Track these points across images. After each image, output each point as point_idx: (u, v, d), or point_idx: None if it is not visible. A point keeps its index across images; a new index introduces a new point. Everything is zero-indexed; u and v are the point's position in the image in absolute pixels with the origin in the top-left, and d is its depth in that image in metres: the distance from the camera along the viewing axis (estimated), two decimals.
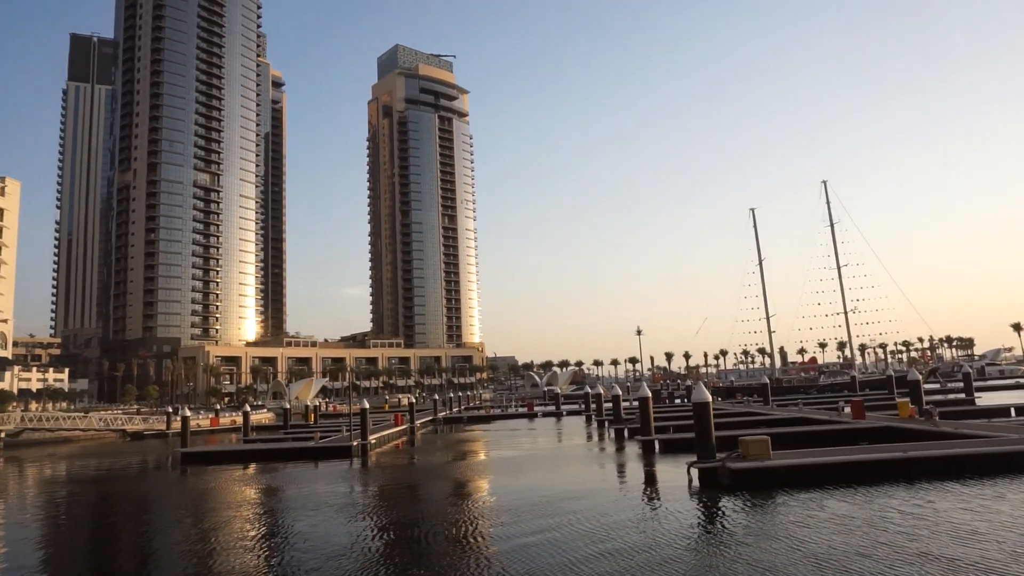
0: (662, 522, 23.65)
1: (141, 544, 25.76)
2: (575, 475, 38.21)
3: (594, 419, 78.87)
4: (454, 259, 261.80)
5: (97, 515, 33.73)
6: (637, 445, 48.62)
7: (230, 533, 25.99)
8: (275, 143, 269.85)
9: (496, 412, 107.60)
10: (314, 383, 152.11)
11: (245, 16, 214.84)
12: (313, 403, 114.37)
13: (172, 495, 38.98)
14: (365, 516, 28.29)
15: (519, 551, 19.95)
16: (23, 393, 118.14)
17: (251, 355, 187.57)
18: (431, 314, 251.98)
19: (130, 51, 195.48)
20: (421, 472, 44.54)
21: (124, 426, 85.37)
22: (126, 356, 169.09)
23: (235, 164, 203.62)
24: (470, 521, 25.89)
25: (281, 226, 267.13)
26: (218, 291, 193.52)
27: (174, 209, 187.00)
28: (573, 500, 28.85)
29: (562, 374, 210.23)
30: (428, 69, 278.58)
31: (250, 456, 53.18)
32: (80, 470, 53.72)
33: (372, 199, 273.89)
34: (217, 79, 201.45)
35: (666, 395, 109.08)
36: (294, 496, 34.70)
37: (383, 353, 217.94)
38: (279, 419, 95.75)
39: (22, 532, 29.30)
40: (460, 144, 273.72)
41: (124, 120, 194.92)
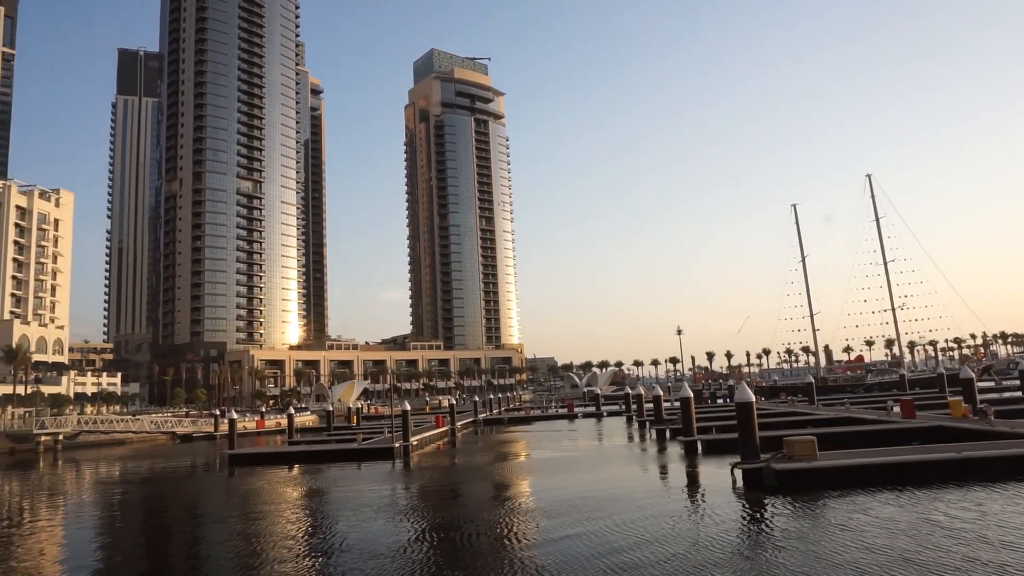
0: (706, 523, 23.35)
1: (191, 543, 26.45)
2: (617, 476, 37.98)
3: (635, 420, 78.29)
4: (492, 261, 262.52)
5: (150, 515, 34.73)
6: (679, 446, 48.10)
7: (275, 533, 26.50)
8: (314, 150, 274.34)
9: (536, 413, 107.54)
10: (356, 385, 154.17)
11: (284, 26, 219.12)
12: (355, 405, 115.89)
13: (220, 496, 39.91)
14: (407, 517, 28.56)
15: (561, 553, 19.90)
16: (79, 397, 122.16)
17: (294, 358, 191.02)
18: (470, 316, 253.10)
19: (174, 64, 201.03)
20: (462, 473, 44.77)
21: (174, 428, 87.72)
22: (175, 360, 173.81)
23: (276, 171, 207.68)
24: (511, 522, 25.94)
25: (321, 231, 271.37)
26: (262, 296, 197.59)
27: (219, 217, 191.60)
28: (615, 501, 28.68)
29: (602, 375, 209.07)
30: (463, 72, 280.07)
31: (295, 458, 54.12)
32: (133, 471, 55.37)
33: (410, 203, 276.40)
34: (258, 88, 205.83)
35: (708, 395, 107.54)
36: (338, 497, 35.21)
37: (423, 355, 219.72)
38: (322, 421, 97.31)
39: (80, 530, 30.35)
40: (496, 146, 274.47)
41: (170, 131, 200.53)
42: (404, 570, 19.09)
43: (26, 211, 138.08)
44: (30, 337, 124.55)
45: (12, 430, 76.43)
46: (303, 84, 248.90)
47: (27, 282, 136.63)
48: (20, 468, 59.90)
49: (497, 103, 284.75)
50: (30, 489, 46.89)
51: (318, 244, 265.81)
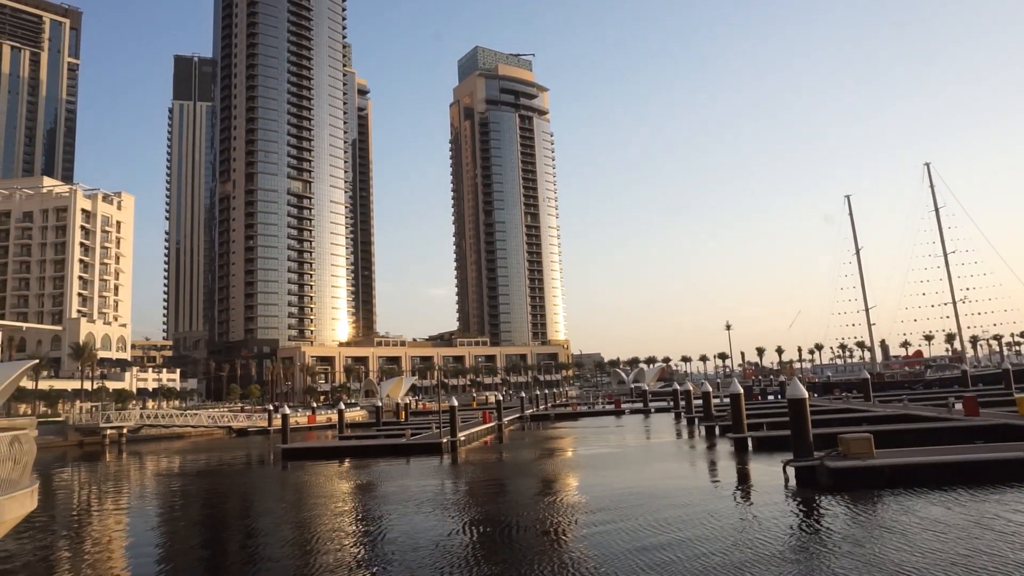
0: (757, 522, 22.96)
1: (245, 533, 27.24)
2: (665, 472, 37.62)
3: (683, 416, 77.41)
4: (537, 257, 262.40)
5: (207, 506, 35.89)
6: (729, 443, 47.36)
7: (326, 525, 27.09)
8: (362, 149, 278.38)
9: (583, 409, 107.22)
10: (404, 381, 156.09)
11: (331, 28, 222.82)
12: (403, 401, 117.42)
13: (274, 489, 40.96)
14: (454, 512, 28.84)
15: (607, 549, 19.84)
16: (141, 392, 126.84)
17: (344, 355, 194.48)
18: (516, 312, 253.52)
19: (227, 68, 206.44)
20: (509, 468, 44.96)
21: (230, 423, 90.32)
22: (230, 357, 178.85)
23: (325, 171, 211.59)
24: (557, 518, 25.95)
25: (369, 229, 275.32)
26: (312, 294, 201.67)
27: (270, 216, 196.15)
28: (662, 498, 28.43)
29: (649, 371, 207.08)
30: (507, 69, 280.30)
31: (345, 452, 55.12)
32: (192, 464, 57.25)
33: (456, 200, 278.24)
34: (307, 91, 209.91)
35: (758, 391, 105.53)
36: (387, 491, 35.77)
37: (469, 351, 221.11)
38: (372, 416, 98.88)
39: (143, 519, 31.57)
40: (541, 142, 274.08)
41: (223, 134, 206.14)
42: (451, 564, 19.30)
43: (91, 214, 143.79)
44: (95, 335, 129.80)
45: (81, 424, 79.84)
46: (350, 85, 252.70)
47: (92, 282, 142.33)
48: (88, 460, 62.58)
49: (541, 99, 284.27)
50: (98, 480, 48.95)
51: (366, 242, 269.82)
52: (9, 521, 14.21)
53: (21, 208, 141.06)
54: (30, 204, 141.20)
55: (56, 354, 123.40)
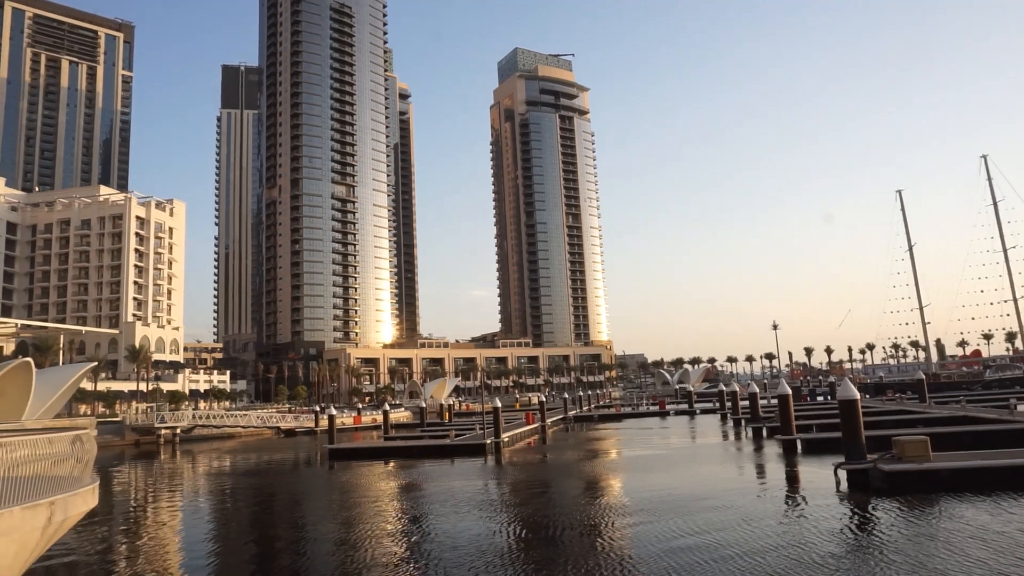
0: (808, 526, 22.43)
1: (293, 531, 27.75)
2: (711, 475, 37.07)
3: (729, 417, 76.20)
4: (579, 257, 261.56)
5: (257, 504, 36.68)
6: (777, 445, 46.43)
7: (372, 524, 27.43)
8: (403, 153, 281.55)
9: (627, 410, 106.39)
10: (447, 382, 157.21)
11: (372, 34, 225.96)
12: (447, 402, 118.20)
13: (321, 488, 41.66)
14: (499, 512, 28.90)
15: (655, 551, 19.63)
16: (193, 393, 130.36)
17: (388, 356, 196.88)
18: (558, 313, 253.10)
19: (272, 76, 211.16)
20: (553, 470, 44.86)
21: (278, 424, 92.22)
22: (278, 359, 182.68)
23: (368, 176, 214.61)
24: (602, 520, 25.79)
25: (412, 232, 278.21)
26: (356, 296, 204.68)
27: (315, 221, 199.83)
28: (710, 500, 28.00)
29: (694, 371, 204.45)
30: (547, 69, 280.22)
31: (390, 453, 55.72)
32: (242, 463, 58.61)
33: (497, 202, 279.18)
34: (349, 96, 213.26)
35: (807, 392, 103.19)
36: (432, 491, 36.04)
37: (512, 353, 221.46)
38: (416, 417, 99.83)
39: (197, 516, 32.47)
40: (581, 142, 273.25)
41: (269, 141, 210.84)
42: (492, 564, 19.33)
43: (144, 221, 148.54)
44: (150, 338, 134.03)
45: (137, 424, 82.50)
46: (392, 89, 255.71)
47: (146, 286, 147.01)
48: (144, 458, 64.63)
49: (582, 99, 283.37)
50: (153, 477, 50.52)
51: (409, 245, 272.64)
52: (73, 517, 14.73)
53: (80, 216, 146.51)
54: (88, 212, 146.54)
55: (113, 356, 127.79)
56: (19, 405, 69.97)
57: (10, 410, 70.46)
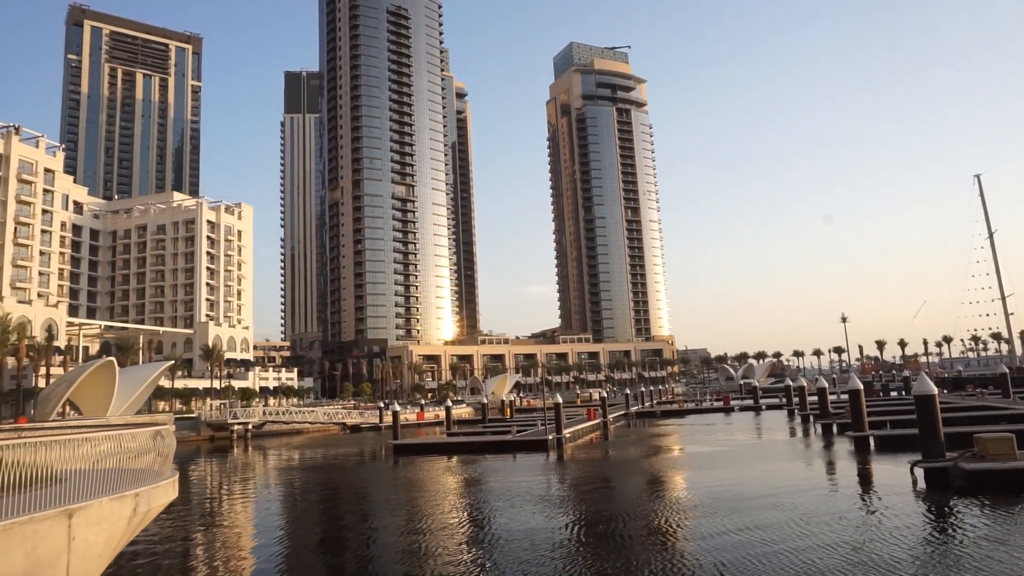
0: (883, 526, 21.65)
1: (360, 524, 28.43)
2: (778, 472, 36.15)
3: (797, 413, 74.16)
4: (639, 251, 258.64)
5: (325, 497, 37.70)
6: (848, 442, 44.94)
7: (436, 519, 27.84)
8: (461, 151, 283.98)
9: (689, 406, 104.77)
10: (508, 379, 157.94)
11: (429, 35, 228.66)
12: (508, 398, 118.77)
13: (386, 483, 42.51)
14: (562, 508, 28.92)
15: (719, 551, 19.30)
16: (263, 390, 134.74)
17: (449, 353, 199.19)
18: (618, 308, 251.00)
19: (332, 81, 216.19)
20: (615, 466, 44.59)
21: (344, 420, 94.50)
22: (342, 356, 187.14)
23: (427, 175, 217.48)
24: (666, 517, 25.50)
25: (471, 230, 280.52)
26: (417, 294, 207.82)
27: (376, 221, 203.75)
28: (776, 497, 27.33)
29: (758, 366, 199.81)
30: (603, 63, 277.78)
31: (453, 448, 56.39)
32: (310, 458, 60.31)
33: (555, 197, 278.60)
34: (407, 97, 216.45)
35: (879, 387, 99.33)
36: (495, 487, 36.32)
37: (572, 348, 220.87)
38: (478, 413, 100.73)
39: (268, 508, 33.64)
40: (639, 135, 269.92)
41: (331, 143, 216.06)
42: (556, 559, 19.37)
43: (215, 225, 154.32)
44: (222, 337, 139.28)
45: (211, 420, 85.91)
46: (448, 89, 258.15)
47: (218, 288, 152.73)
48: (219, 453, 67.26)
49: (639, 91, 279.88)
50: (227, 471, 52.55)
51: (468, 242, 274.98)
52: (155, 508, 15.48)
53: (155, 222, 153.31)
54: (162, 218, 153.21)
55: (188, 355, 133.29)
56: (104, 401, 73.92)
57: (96, 406, 74.52)
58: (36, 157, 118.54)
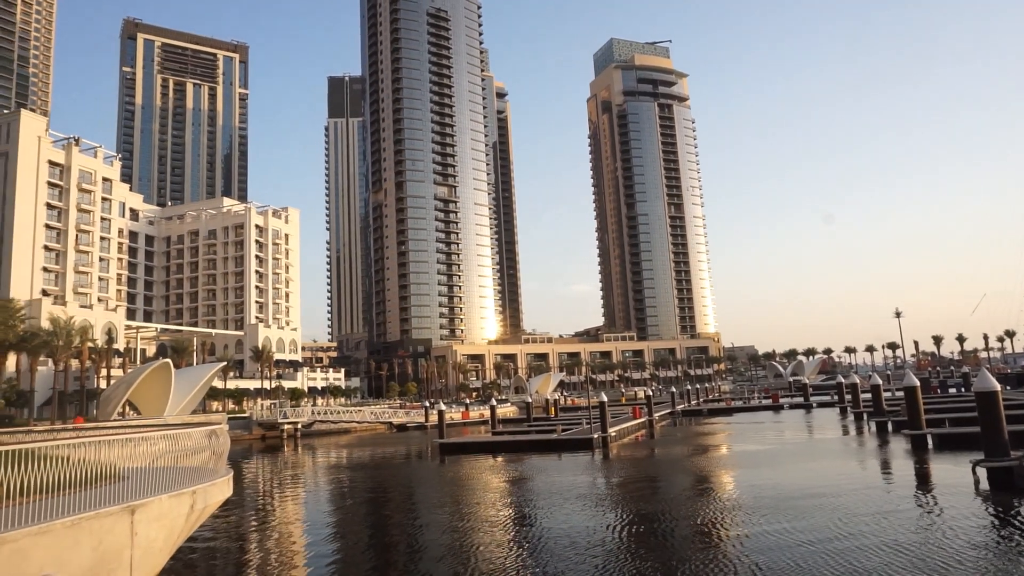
0: (943, 528, 20.95)
1: (408, 522, 28.75)
2: (831, 471, 35.29)
3: (850, 411, 72.27)
4: (683, 248, 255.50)
5: (373, 495, 38.24)
6: (904, 440, 43.61)
7: (483, 517, 27.97)
8: (502, 151, 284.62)
9: (737, 404, 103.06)
10: (552, 377, 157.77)
11: (468, 36, 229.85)
12: (552, 397, 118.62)
13: (433, 481, 42.89)
14: (608, 507, 28.76)
15: (768, 550, 18.94)
16: (311, 390, 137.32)
17: (493, 352, 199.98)
18: (662, 305, 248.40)
19: (374, 85, 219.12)
20: (662, 465, 44.15)
21: (390, 419, 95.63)
22: (388, 356, 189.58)
23: (468, 175, 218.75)
24: (714, 517, 25.13)
25: (513, 229, 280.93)
26: (461, 294, 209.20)
27: (419, 222, 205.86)
28: (829, 497, 26.67)
29: (808, 363, 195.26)
30: (644, 58, 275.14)
31: (499, 447, 56.55)
32: (358, 457, 61.25)
33: (597, 195, 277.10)
34: (448, 99, 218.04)
35: (937, 384, 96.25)
36: (540, 485, 36.32)
37: (616, 347, 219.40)
38: (522, 412, 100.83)
39: (318, 505, 34.29)
40: (682, 130, 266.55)
41: (374, 146, 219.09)
42: (605, 559, 19.27)
43: (263, 229, 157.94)
44: (271, 339, 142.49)
45: (262, 419, 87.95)
46: (488, 89, 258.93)
47: (266, 290, 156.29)
48: (270, 452, 68.82)
49: (681, 85, 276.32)
50: (278, 469, 53.74)
51: (510, 241, 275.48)
52: (212, 505, 15.93)
53: (207, 227, 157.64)
54: (213, 223, 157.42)
55: (239, 357, 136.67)
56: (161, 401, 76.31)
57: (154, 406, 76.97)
58: (95, 167, 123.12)
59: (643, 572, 18.05)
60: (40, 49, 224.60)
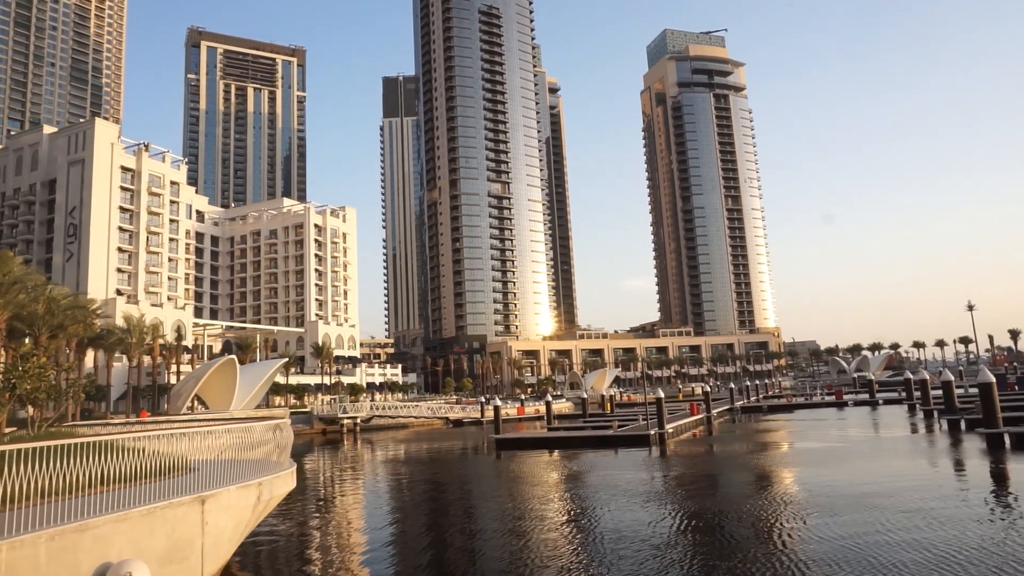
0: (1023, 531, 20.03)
1: (465, 516, 29.09)
2: (899, 470, 34.08)
3: (919, 408, 69.60)
4: (741, 241, 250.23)
5: (431, 489, 38.81)
6: (978, 439, 41.80)
7: (539, 513, 28.07)
8: (555, 146, 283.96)
9: (798, 401, 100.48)
10: (607, 373, 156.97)
11: (520, 32, 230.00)
12: (608, 393, 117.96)
13: (490, 476, 43.24)
14: (666, 504, 28.49)
15: (833, 551, 18.45)
16: (369, 386, 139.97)
17: (548, 348, 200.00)
18: (720, 300, 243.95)
19: (428, 83, 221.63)
20: (720, 462, 43.45)
21: (447, 414, 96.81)
22: (444, 353, 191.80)
23: (522, 172, 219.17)
24: (775, 516, 24.60)
25: (566, 225, 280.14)
26: (515, 290, 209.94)
27: (473, 219, 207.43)
28: (897, 497, 25.77)
29: (874, 358, 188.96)
30: (699, 48, 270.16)
31: (554, 443, 56.59)
32: (415, 451, 62.23)
33: (651, 189, 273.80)
34: (501, 96, 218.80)
35: (1014, 380, 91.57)
36: (597, 481, 36.22)
37: (673, 342, 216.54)
38: (577, 408, 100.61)
39: (377, 498, 35.02)
40: (738, 120, 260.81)
41: (427, 145, 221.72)
42: (664, 557, 19.11)
43: (321, 228, 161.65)
44: (331, 335, 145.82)
45: (323, 414, 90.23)
46: (541, 85, 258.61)
47: (325, 288, 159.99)
48: (330, 445, 70.57)
49: (737, 75, 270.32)
50: (339, 463, 55.08)
51: (564, 237, 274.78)
52: (276, 497, 16.48)
53: (268, 227, 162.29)
54: (274, 223, 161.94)
55: (300, 353, 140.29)
56: (227, 396, 79.12)
57: (220, 401, 79.87)
58: (163, 171, 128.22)
59: (705, 569, 17.85)
60: (112, 60, 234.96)
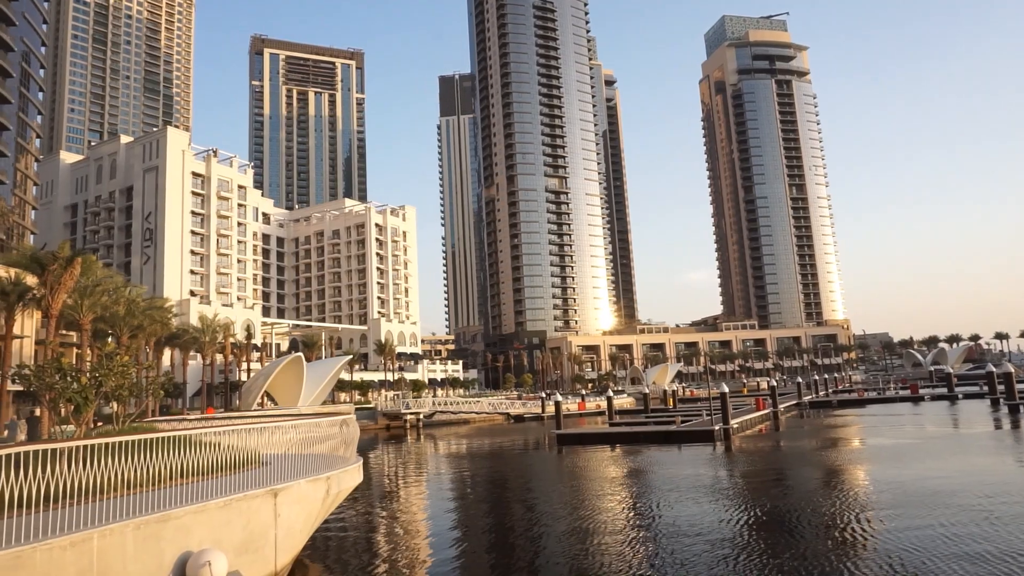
0: None
1: (529, 511, 29.22)
2: (980, 468, 32.52)
3: (1003, 403, 66.18)
4: (806, 231, 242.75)
5: (493, 484, 39.15)
6: None
7: (603, 509, 27.96)
8: (612, 139, 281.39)
9: (870, 395, 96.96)
10: (669, 368, 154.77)
11: (575, 25, 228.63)
12: (670, 388, 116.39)
13: (551, 471, 43.30)
14: (733, 501, 27.96)
15: (907, 551, 17.77)
16: (431, 382, 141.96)
17: (608, 343, 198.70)
18: (785, 292, 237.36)
19: (483, 81, 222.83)
20: (788, 458, 42.34)
21: (508, 410, 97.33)
22: (503, 348, 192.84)
23: (579, 166, 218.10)
24: (847, 515, 23.83)
25: (625, 218, 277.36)
26: (574, 285, 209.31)
27: (531, 215, 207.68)
28: (978, 496, 24.60)
29: (952, 351, 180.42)
30: (759, 34, 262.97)
31: (616, 438, 56.20)
32: (477, 447, 62.80)
33: (712, 180, 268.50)
34: (556, 90, 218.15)
35: None
36: (661, 477, 35.85)
37: (736, 336, 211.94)
38: (639, 403, 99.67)
39: (441, 493, 35.54)
40: (802, 106, 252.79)
41: (484, 142, 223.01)
42: (731, 556, 18.79)
43: (382, 227, 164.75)
44: (393, 333, 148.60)
45: (387, 410, 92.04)
46: (597, 78, 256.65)
47: (387, 286, 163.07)
48: (394, 441, 71.92)
49: (800, 59, 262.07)
50: (403, 458, 56.10)
51: (622, 231, 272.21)
52: (344, 491, 16.94)
53: (330, 227, 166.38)
54: (337, 223, 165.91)
55: (364, 350, 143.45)
56: (295, 393, 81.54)
57: (288, 397, 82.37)
58: (231, 176, 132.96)
59: (775, 566, 17.47)
60: (181, 71, 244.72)
